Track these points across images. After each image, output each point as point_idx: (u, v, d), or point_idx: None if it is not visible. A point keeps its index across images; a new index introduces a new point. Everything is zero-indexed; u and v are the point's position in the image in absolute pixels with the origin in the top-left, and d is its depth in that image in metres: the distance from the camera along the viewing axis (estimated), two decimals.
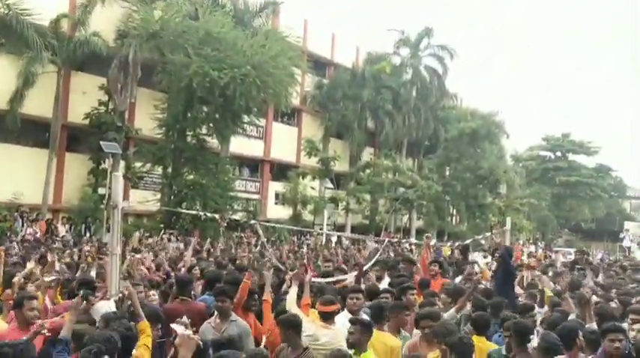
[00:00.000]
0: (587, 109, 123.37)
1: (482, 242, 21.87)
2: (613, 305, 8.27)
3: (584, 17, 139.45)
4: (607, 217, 61.48)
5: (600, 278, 12.62)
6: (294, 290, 7.16)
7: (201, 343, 4.73)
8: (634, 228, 61.57)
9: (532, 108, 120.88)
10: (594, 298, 8.39)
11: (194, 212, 23.99)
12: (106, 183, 22.09)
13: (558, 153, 60.43)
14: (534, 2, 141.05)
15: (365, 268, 11.34)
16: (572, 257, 21.19)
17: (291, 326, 5.95)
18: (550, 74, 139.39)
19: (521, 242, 37.95)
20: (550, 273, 12.44)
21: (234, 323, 6.69)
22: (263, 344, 6.85)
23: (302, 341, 5.92)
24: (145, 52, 26.82)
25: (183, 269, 10.65)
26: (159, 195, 28.23)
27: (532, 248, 34.27)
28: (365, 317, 6.56)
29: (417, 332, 6.59)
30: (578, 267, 14.53)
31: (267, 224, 28.59)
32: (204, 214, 23.72)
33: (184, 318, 5.35)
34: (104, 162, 25.68)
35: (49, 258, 10.40)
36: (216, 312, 6.89)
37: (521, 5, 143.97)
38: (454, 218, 47.77)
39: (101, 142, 23.07)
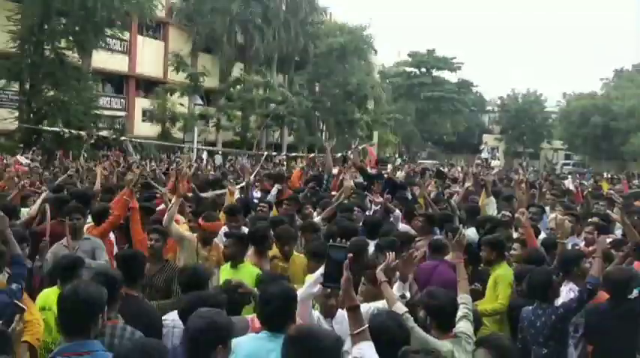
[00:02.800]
0: (451, 26, 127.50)
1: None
2: None
3: None
4: (467, 131, 64.77)
5: None
6: (175, 205, 7.18)
7: None
8: (491, 140, 65.86)
9: (399, 25, 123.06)
10: None
11: (57, 129, 23.11)
12: None
13: (423, 69, 62.01)
14: None
15: (248, 181, 11.65)
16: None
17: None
18: None
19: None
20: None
21: (88, 240, 6.60)
22: None
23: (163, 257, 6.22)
24: None
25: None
26: (17, 113, 26.76)
27: (398, 161, 35.54)
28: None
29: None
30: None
31: (136, 140, 28.11)
32: (68, 132, 23.01)
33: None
34: None
35: None
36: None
37: None
38: (324, 133, 48.72)
39: None
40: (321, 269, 3.89)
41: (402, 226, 8.50)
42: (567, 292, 5.68)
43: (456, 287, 4.55)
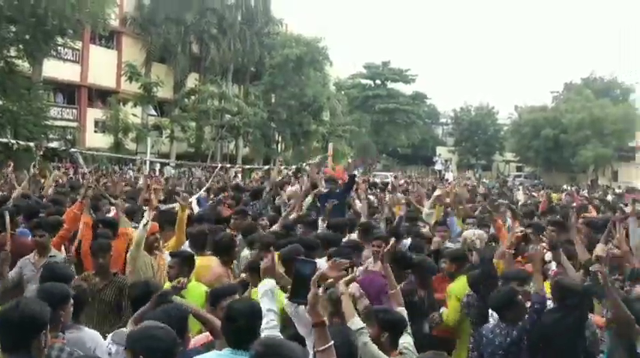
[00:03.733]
0: (406, 38, 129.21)
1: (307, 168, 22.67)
2: None
3: None
4: (421, 143, 65.46)
5: None
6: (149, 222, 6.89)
7: None
8: (445, 152, 66.70)
9: (355, 37, 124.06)
10: None
11: (5, 140, 22.53)
12: None
13: (378, 81, 62.69)
14: None
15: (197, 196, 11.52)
16: (389, 180, 22.73)
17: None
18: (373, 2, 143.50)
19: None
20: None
21: (54, 258, 6.46)
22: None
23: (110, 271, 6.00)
24: None
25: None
26: None
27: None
28: None
29: None
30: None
31: (87, 152, 27.60)
32: (17, 143, 22.44)
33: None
34: None
35: None
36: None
37: None
38: (280, 145, 48.64)
39: None
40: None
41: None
42: None
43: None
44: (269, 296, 4.11)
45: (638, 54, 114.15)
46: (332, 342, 3.30)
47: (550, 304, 5.34)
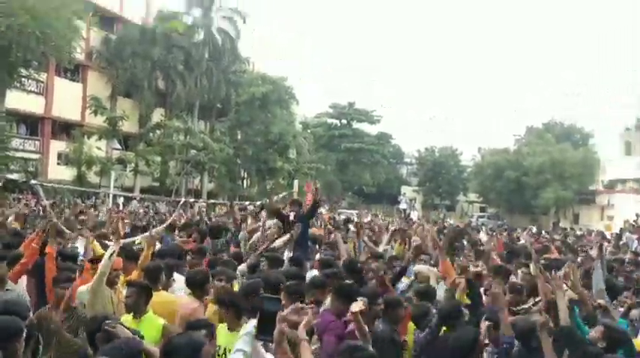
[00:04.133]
0: (372, 79, 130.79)
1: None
2: None
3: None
4: (386, 182, 65.80)
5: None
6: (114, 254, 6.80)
7: None
8: (410, 192, 67.19)
9: (322, 77, 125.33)
10: None
11: None
12: None
13: (344, 121, 63.24)
14: None
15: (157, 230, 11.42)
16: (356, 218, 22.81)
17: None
18: (340, 44, 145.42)
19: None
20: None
21: (10, 291, 6.27)
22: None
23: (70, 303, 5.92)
24: None
25: None
26: None
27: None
28: None
29: None
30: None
31: (49, 185, 27.24)
32: None
33: None
34: None
35: None
36: None
37: None
38: (245, 181, 48.60)
39: None
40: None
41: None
42: None
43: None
44: (248, 339, 3.95)
45: (597, 101, 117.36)
46: None
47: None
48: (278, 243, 9.65)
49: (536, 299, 6.72)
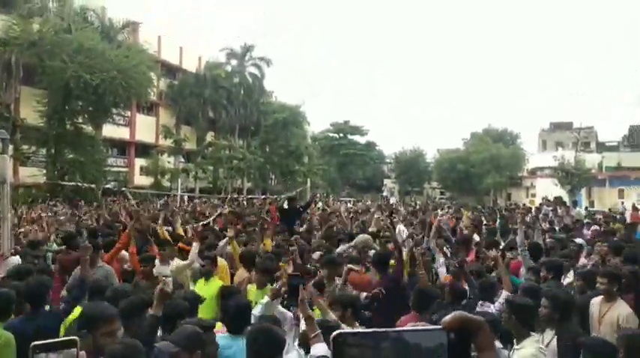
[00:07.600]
0: (362, 102, 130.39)
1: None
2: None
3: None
4: (373, 176, 65.61)
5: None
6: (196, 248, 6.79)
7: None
8: (390, 183, 66.96)
9: (325, 102, 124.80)
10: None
11: (73, 183, 22.38)
12: None
13: (341, 134, 63.08)
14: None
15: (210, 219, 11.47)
16: (351, 205, 22.79)
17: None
18: (336, 75, 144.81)
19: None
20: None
21: (101, 268, 6.05)
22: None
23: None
24: (26, 57, 24.11)
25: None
26: (44, 171, 25.73)
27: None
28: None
29: None
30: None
31: (134, 190, 27.38)
32: (83, 185, 22.25)
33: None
34: None
35: None
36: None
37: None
38: (273, 181, 48.56)
39: None
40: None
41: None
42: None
43: None
44: (262, 307, 3.98)
45: (524, 109, 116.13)
46: (319, 331, 3.10)
47: None
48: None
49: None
